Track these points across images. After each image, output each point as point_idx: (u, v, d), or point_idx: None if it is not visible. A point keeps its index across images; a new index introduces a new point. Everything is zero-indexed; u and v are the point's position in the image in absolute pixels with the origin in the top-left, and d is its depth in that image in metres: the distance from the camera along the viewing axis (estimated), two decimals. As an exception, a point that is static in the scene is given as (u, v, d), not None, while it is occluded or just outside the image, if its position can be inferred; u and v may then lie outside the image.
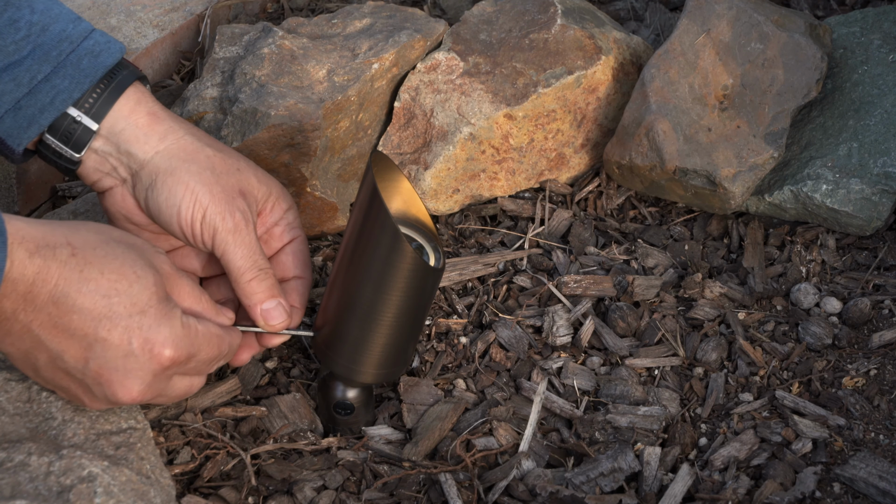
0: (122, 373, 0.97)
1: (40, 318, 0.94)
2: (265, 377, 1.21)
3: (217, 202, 1.06)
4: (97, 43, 1.08)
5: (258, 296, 1.08)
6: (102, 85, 1.07)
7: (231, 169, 1.09)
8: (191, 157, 1.08)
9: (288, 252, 1.15)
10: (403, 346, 1.10)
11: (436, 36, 1.38)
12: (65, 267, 0.94)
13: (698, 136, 1.30)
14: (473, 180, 1.36)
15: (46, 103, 1.06)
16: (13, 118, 1.06)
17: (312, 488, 1.08)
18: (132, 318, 0.96)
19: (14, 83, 1.06)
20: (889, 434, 1.11)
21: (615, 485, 1.07)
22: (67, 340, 0.96)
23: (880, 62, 1.36)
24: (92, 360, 0.96)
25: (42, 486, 0.93)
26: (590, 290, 1.27)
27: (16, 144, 1.07)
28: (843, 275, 1.28)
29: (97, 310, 0.95)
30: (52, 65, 1.06)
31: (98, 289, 0.95)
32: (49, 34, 1.06)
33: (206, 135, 1.12)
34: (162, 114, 1.10)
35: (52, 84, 1.06)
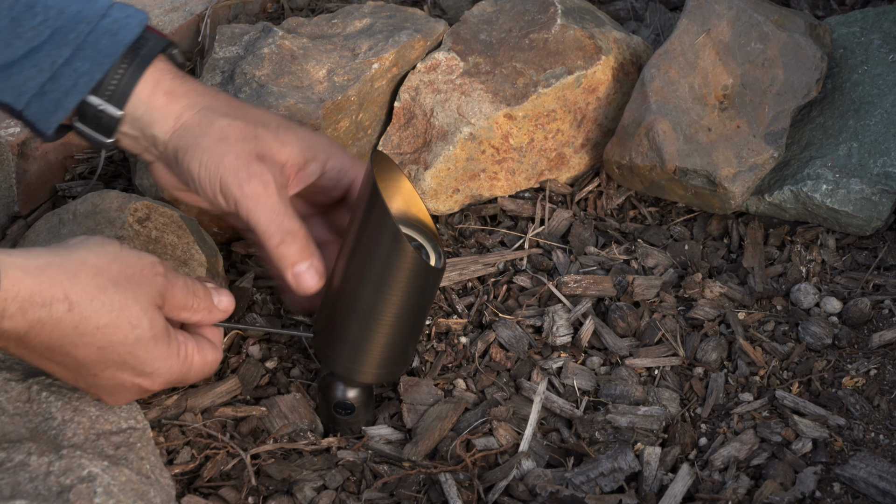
0: (112, 395, 1.03)
1: (34, 356, 0.98)
2: (265, 377, 1.20)
3: (230, 171, 1.06)
4: (115, 20, 1.08)
5: (287, 259, 1.07)
6: (124, 65, 1.08)
7: (247, 135, 1.08)
8: (204, 132, 1.08)
9: (342, 207, 1.15)
10: (404, 346, 1.10)
11: (436, 36, 1.38)
12: (60, 324, 0.95)
13: (698, 136, 1.30)
14: (473, 180, 1.36)
15: (69, 87, 1.07)
16: (39, 103, 1.07)
17: (312, 488, 1.08)
18: (124, 369, 1.00)
19: (36, 69, 1.06)
20: (889, 434, 1.11)
21: (615, 485, 1.07)
22: (59, 368, 0.99)
23: (880, 62, 1.36)
24: (80, 382, 1.02)
25: (42, 486, 0.93)
26: (590, 290, 1.27)
27: (45, 128, 1.08)
28: (843, 275, 1.28)
29: (90, 358, 0.98)
30: (71, 48, 1.06)
31: (93, 342, 0.97)
32: (66, 16, 1.07)
33: (228, 102, 1.11)
34: (180, 89, 1.09)
35: (73, 67, 1.07)
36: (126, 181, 1.44)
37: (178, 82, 1.10)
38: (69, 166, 1.48)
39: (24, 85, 1.06)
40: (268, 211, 1.06)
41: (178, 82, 1.10)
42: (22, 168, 1.40)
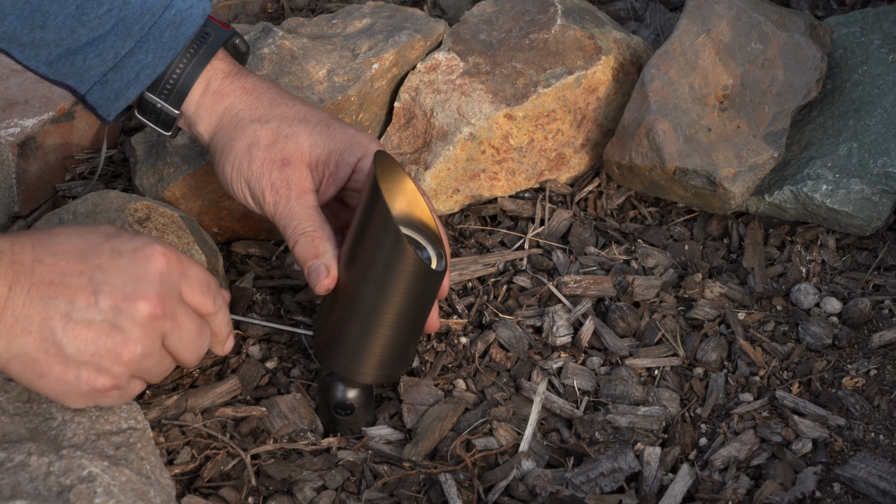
0: (132, 284, 0.95)
1: (34, 280, 0.93)
2: (265, 377, 1.20)
3: (256, 177, 1.10)
4: (178, 12, 1.10)
5: (300, 259, 1.09)
6: (185, 59, 1.11)
7: (277, 139, 1.11)
8: (237, 135, 1.12)
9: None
10: (404, 346, 1.10)
11: (436, 36, 1.38)
12: (33, 234, 0.95)
13: (698, 136, 1.30)
14: (473, 180, 1.36)
15: (132, 78, 1.10)
16: (101, 91, 1.10)
17: (312, 488, 1.08)
18: (112, 240, 0.96)
19: (99, 58, 1.09)
20: (889, 434, 1.11)
21: (615, 485, 1.07)
22: (69, 288, 0.94)
23: (880, 62, 1.36)
24: (101, 291, 0.94)
25: (42, 486, 0.93)
26: (590, 290, 1.27)
27: (106, 114, 1.12)
28: (843, 275, 1.28)
29: (78, 248, 0.95)
30: (134, 39, 1.09)
31: (70, 235, 0.95)
32: (130, 7, 1.09)
33: (270, 101, 1.13)
34: (228, 89, 1.13)
35: (136, 59, 1.09)
36: (126, 181, 1.44)
37: (227, 81, 1.13)
38: (69, 166, 1.48)
39: (87, 72, 1.10)
40: (285, 216, 1.09)
41: (227, 81, 1.13)
42: (22, 168, 1.40)
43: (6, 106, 1.44)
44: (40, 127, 1.43)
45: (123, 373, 0.96)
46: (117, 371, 0.96)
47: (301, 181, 1.10)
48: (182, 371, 1.20)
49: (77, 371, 0.95)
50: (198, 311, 1.01)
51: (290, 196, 1.09)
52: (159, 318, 0.96)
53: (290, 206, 1.09)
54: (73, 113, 1.46)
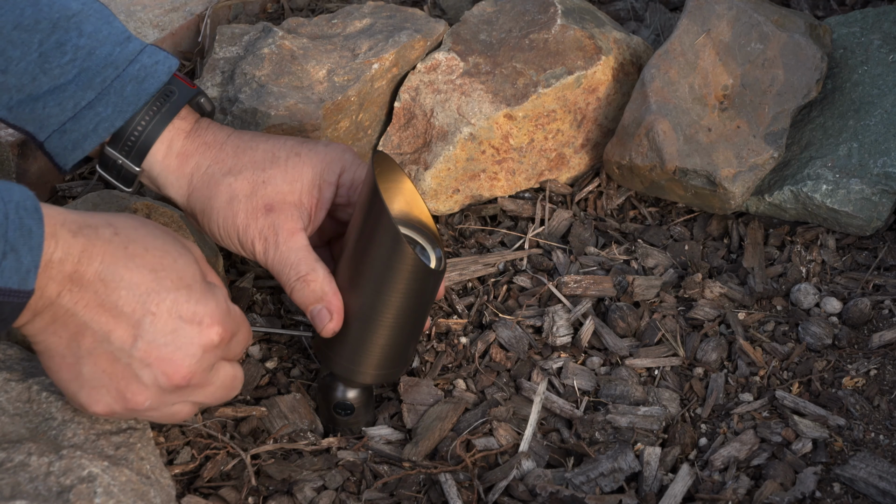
0: (173, 348, 0.95)
1: (86, 298, 0.93)
2: (265, 377, 1.21)
3: (242, 230, 1.09)
4: (143, 67, 1.08)
5: (300, 306, 1.08)
6: (147, 116, 1.09)
7: (255, 187, 1.09)
8: (213, 193, 1.10)
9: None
10: (404, 346, 1.10)
11: (436, 36, 1.38)
12: (109, 244, 0.94)
13: (698, 136, 1.30)
14: (473, 180, 1.36)
15: (90, 130, 1.08)
16: (59, 140, 1.08)
17: (312, 488, 1.08)
18: (179, 292, 0.95)
19: (59, 107, 1.07)
20: (889, 434, 1.11)
21: (615, 485, 1.07)
22: (115, 319, 0.94)
23: (880, 62, 1.36)
24: (141, 339, 0.94)
25: (42, 487, 0.93)
26: (590, 290, 1.27)
27: (63, 163, 1.10)
28: (843, 275, 1.28)
29: (145, 284, 0.94)
30: (95, 91, 1.07)
31: (145, 264, 0.95)
32: (95, 58, 1.07)
33: (235, 150, 1.12)
34: (190, 148, 1.11)
35: (96, 112, 1.07)
36: (126, 181, 1.44)
37: (188, 140, 1.11)
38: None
39: (46, 120, 1.07)
40: (277, 263, 1.08)
41: (188, 140, 1.11)
42: (22, 168, 1.40)
43: (6, 106, 1.44)
44: (40, 127, 1.43)
45: (120, 412, 0.97)
46: (116, 409, 0.97)
47: (287, 223, 1.09)
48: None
49: (80, 387, 0.96)
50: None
51: (277, 241, 1.08)
52: (183, 388, 0.97)
53: (280, 251, 1.08)
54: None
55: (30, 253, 0.88)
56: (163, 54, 1.09)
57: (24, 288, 0.88)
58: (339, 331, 1.08)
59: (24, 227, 0.88)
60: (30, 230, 0.88)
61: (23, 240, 0.87)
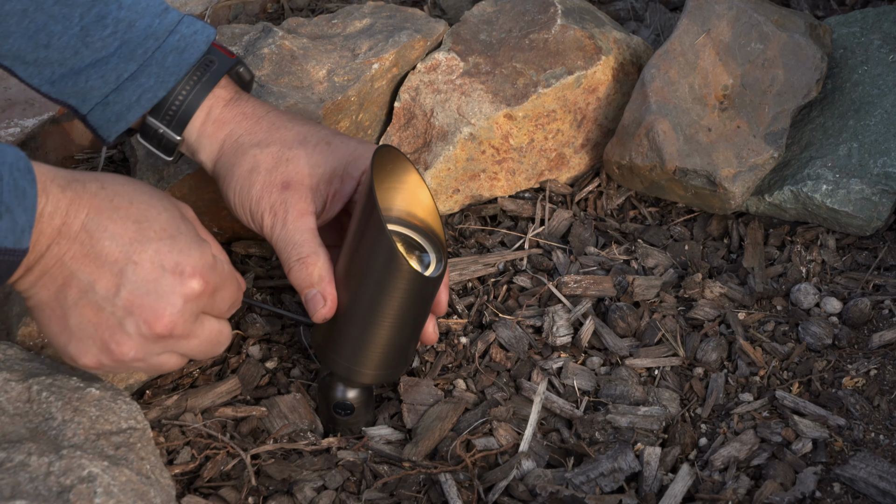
0: (155, 296, 0.96)
1: (73, 249, 0.95)
2: (265, 377, 1.21)
3: (255, 201, 1.10)
4: (182, 38, 1.10)
5: (296, 286, 1.09)
6: (188, 85, 1.11)
7: (277, 162, 1.11)
8: (238, 161, 1.12)
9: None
10: (404, 346, 1.10)
11: (436, 36, 1.38)
12: (95, 197, 0.96)
13: (698, 136, 1.30)
14: (473, 180, 1.36)
15: (133, 101, 1.10)
16: (102, 112, 1.11)
17: (312, 488, 1.08)
18: (163, 242, 0.97)
19: (102, 80, 1.09)
20: (889, 434, 1.11)
21: (615, 485, 1.07)
22: (99, 269, 0.95)
23: (880, 62, 1.36)
24: (123, 287, 0.96)
25: (42, 486, 0.93)
26: (590, 290, 1.27)
27: (106, 135, 1.12)
28: (843, 275, 1.28)
29: (128, 234, 0.96)
30: (137, 63, 1.09)
31: (129, 215, 0.97)
32: (135, 31, 1.09)
33: (270, 125, 1.13)
34: (227, 116, 1.13)
35: (138, 83, 1.10)
36: (126, 181, 1.44)
37: (227, 108, 1.13)
38: (69, 166, 1.48)
39: (89, 93, 1.10)
40: (281, 240, 1.09)
41: (227, 108, 1.13)
42: (22, 168, 1.40)
43: (6, 106, 1.45)
44: (40, 127, 1.43)
45: (109, 364, 0.98)
46: (104, 360, 0.98)
47: (299, 203, 1.09)
48: (182, 371, 1.20)
49: (69, 339, 0.97)
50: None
51: (286, 219, 1.09)
52: (165, 336, 0.97)
53: (287, 229, 1.09)
54: (73, 113, 1.46)
55: (24, 213, 0.90)
56: (200, 24, 1.12)
57: (20, 247, 0.91)
58: (337, 329, 1.08)
59: (19, 188, 0.89)
60: (24, 190, 0.90)
61: (17, 200, 0.89)
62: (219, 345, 1.03)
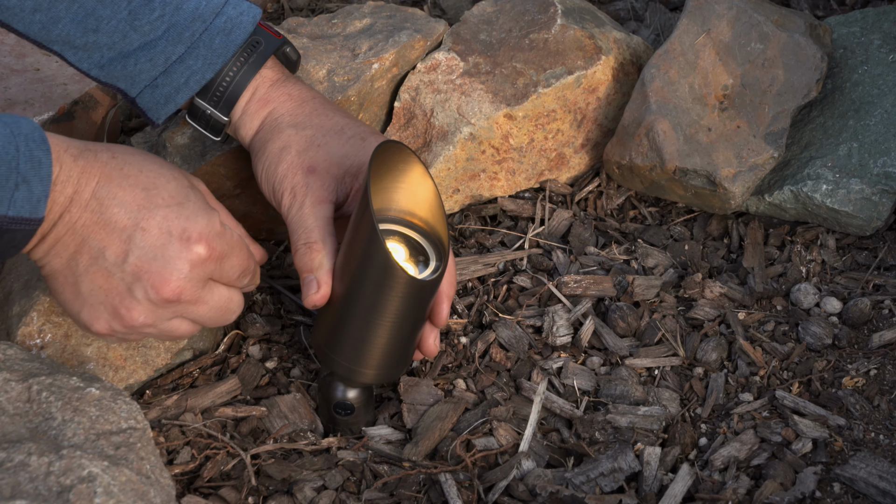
0: (162, 262, 0.98)
1: (84, 216, 0.97)
2: (265, 377, 1.21)
3: (280, 179, 1.12)
4: (229, 19, 1.12)
5: (297, 268, 1.10)
6: (235, 66, 1.13)
7: (309, 146, 1.12)
8: (273, 137, 1.13)
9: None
10: (404, 346, 1.10)
11: (436, 36, 1.38)
12: (106, 166, 0.98)
13: (698, 136, 1.30)
14: (473, 180, 1.36)
15: (181, 83, 1.12)
16: (151, 94, 1.13)
17: (312, 488, 1.08)
18: (170, 209, 0.99)
19: (150, 63, 1.11)
20: (889, 434, 1.11)
21: (615, 485, 1.07)
22: (109, 235, 0.98)
23: (880, 62, 1.36)
24: (132, 253, 0.98)
25: (42, 486, 0.93)
26: (590, 290, 1.27)
27: (156, 118, 1.14)
28: (843, 275, 1.28)
29: (137, 201, 0.98)
30: (185, 45, 1.11)
31: (138, 183, 0.99)
32: (182, 13, 1.11)
33: (312, 110, 1.15)
34: (272, 95, 1.15)
35: (186, 65, 1.11)
36: (126, 181, 1.44)
37: (273, 88, 1.15)
38: (69, 166, 1.47)
39: (138, 76, 1.12)
40: (294, 222, 1.10)
41: (273, 88, 1.15)
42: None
43: (6, 106, 1.44)
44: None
45: (120, 330, 1.01)
46: (115, 326, 1.01)
47: (320, 189, 1.10)
48: (182, 371, 1.20)
49: (81, 306, 1.00)
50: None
51: (304, 202, 1.10)
52: (173, 301, 1.00)
53: (302, 212, 1.10)
54: (73, 113, 1.46)
55: (40, 183, 0.93)
56: (246, 4, 1.13)
57: (36, 216, 0.93)
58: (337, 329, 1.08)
59: (34, 159, 0.92)
60: (39, 161, 0.93)
61: (33, 171, 0.92)
62: (229, 311, 1.05)
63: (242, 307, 1.07)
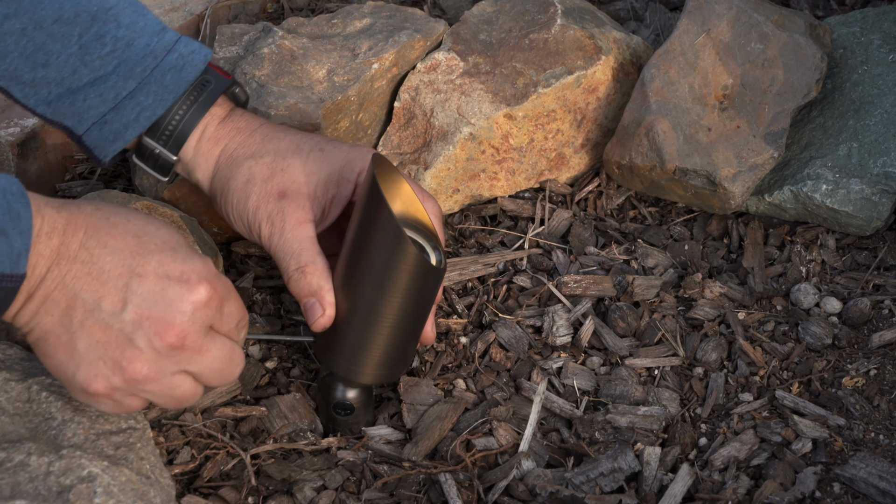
0: (163, 306, 0.94)
1: (74, 269, 0.93)
2: (265, 377, 1.21)
3: (253, 212, 1.10)
4: (180, 56, 1.10)
5: (295, 295, 1.08)
6: (185, 105, 1.11)
7: (273, 172, 1.11)
8: (233, 174, 1.11)
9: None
10: (404, 346, 1.10)
11: (436, 36, 1.38)
12: (91, 216, 0.95)
13: (698, 135, 1.30)
14: (473, 180, 1.36)
15: (131, 120, 1.10)
16: (99, 132, 1.10)
17: (312, 488, 1.08)
18: (164, 253, 0.95)
19: (100, 98, 1.09)
20: (889, 434, 1.11)
21: (615, 485, 1.07)
22: (103, 286, 0.93)
23: (880, 62, 1.36)
24: (130, 301, 0.93)
25: (42, 486, 0.93)
26: (590, 290, 1.27)
27: (102, 156, 1.11)
28: (843, 275, 1.28)
29: (129, 248, 0.94)
30: (136, 81, 1.09)
31: (127, 231, 0.95)
32: (134, 49, 1.09)
33: (263, 137, 1.13)
34: (221, 132, 1.13)
35: (137, 101, 1.09)
36: (126, 181, 1.44)
37: (221, 126, 1.13)
38: (69, 166, 1.48)
39: (86, 112, 1.09)
40: (280, 249, 1.08)
41: (221, 126, 1.13)
42: (22, 168, 1.40)
43: (6, 105, 1.44)
44: (40, 126, 1.43)
45: (121, 387, 0.95)
46: (115, 383, 0.95)
47: (297, 212, 1.09)
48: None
49: (77, 366, 0.94)
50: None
51: (284, 228, 1.08)
52: (178, 348, 0.95)
53: (284, 238, 1.08)
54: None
55: (20, 236, 0.89)
56: (197, 44, 1.12)
57: (17, 272, 0.89)
58: (337, 329, 1.08)
59: (13, 211, 0.88)
60: (18, 214, 0.89)
61: (12, 223, 0.88)
62: (232, 363, 1.00)
63: (244, 364, 1.02)
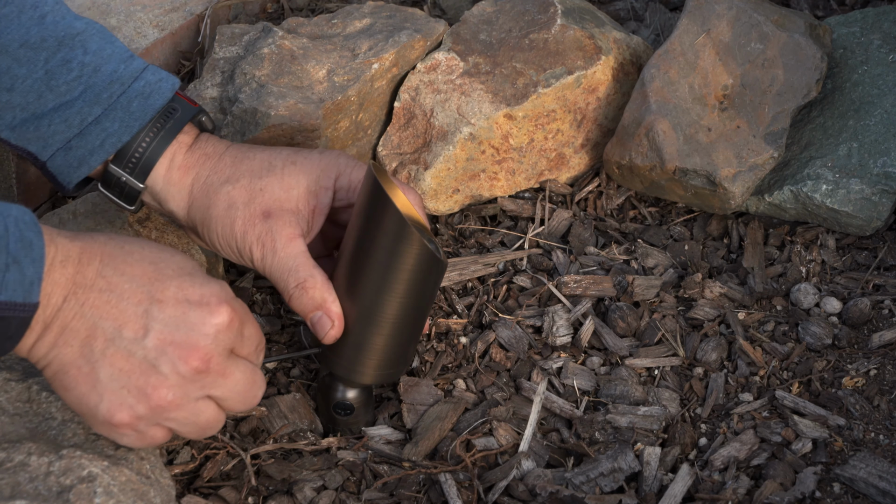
0: (186, 330, 0.94)
1: (91, 297, 0.92)
2: (265, 377, 1.20)
3: (241, 237, 1.08)
4: (148, 83, 1.09)
5: (300, 313, 1.08)
6: (152, 132, 1.09)
7: (252, 194, 1.09)
8: (212, 202, 1.10)
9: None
10: (404, 346, 1.10)
11: (436, 36, 1.38)
12: (105, 245, 0.94)
13: (698, 136, 1.30)
14: (473, 180, 1.36)
15: (96, 146, 1.08)
16: (63, 157, 1.08)
17: (312, 488, 1.08)
18: (182, 278, 0.95)
19: (65, 124, 1.07)
20: (889, 434, 1.11)
21: (615, 485, 1.07)
22: (123, 313, 0.93)
23: (880, 62, 1.36)
24: (152, 327, 0.93)
25: (42, 486, 0.93)
26: (590, 290, 1.27)
27: (66, 182, 1.09)
28: (843, 275, 1.28)
29: (147, 274, 0.94)
30: (102, 107, 1.07)
31: (143, 258, 0.95)
32: (100, 75, 1.08)
33: (233, 160, 1.12)
34: (190, 160, 1.11)
35: (103, 127, 1.08)
36: (126, 181, 1.44)
37: (189, 153, 1.11)
38: (69, 166, 1.47)
39: (51, 137, 1.07)
40: (275, 270, 1.07)
41: (189, 153, 1.11)
42: (22, 168, 1.40)
43: (6, 106, 1.44)
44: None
45: (146, 415, 0.95)
46: (140, 411, 0.94)
47: (285, 228, 1.08)
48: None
49: (100, 397, 0.93)
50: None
51: (275, 247, 1.07)
52: (203, 372, 0.95)
53: (277, 257, 1.07)
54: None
55: (32, 264, 0.88)
56: (165, 73, 1.10)
57: (29, 301, 0.88)
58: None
59: (25, 240, 0.88)
60: (30, 242, 0.88)
61: (24, 251, 0.88)
62: (255, 386, 0.99)
63: (265, 388, 1.02)
